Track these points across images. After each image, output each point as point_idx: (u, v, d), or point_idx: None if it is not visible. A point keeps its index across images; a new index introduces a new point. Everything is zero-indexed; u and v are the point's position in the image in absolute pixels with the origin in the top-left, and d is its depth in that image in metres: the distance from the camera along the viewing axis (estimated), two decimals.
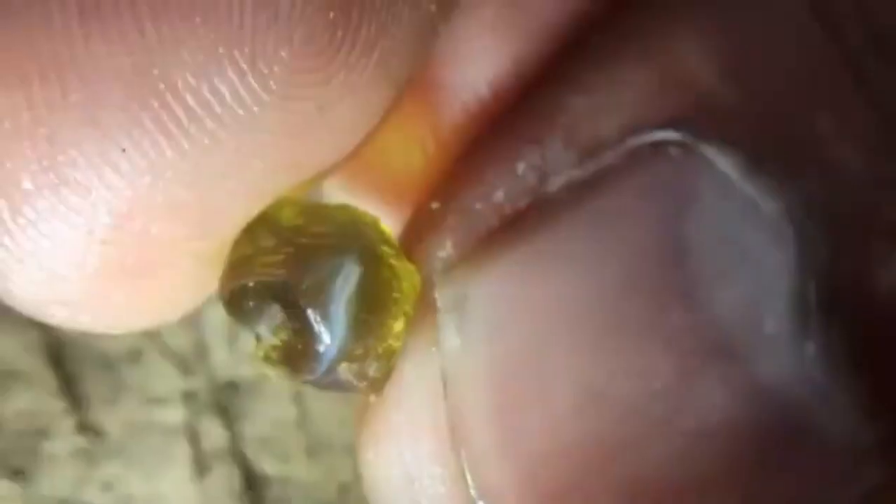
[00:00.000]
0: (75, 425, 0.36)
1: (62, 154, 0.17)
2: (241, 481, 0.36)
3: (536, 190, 0.19)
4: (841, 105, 0.17)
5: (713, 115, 0.18)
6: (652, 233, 0.17)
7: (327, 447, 0.37)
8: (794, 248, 0.17)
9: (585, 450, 0.18)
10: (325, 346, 0.19)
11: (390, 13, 0.18)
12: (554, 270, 0.18)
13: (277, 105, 0.17)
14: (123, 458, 0.36)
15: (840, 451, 0.17)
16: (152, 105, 0.17)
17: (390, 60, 0.18)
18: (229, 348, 0.37)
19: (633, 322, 0.17)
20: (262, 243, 0.19)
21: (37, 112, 0.17)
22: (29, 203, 0.17)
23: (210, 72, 0.17)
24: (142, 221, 0.18)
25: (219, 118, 0.17)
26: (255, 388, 0.37)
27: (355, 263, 0.19)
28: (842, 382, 0.17)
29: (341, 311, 0.19)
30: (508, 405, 0.18)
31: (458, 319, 0.19)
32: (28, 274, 0.18)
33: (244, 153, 0.18)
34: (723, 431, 0.17)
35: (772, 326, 0.17)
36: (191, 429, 0.36)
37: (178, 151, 0.17)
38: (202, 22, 0.17)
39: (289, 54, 0.17)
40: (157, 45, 0.17)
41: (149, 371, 0.37)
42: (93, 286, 0.18)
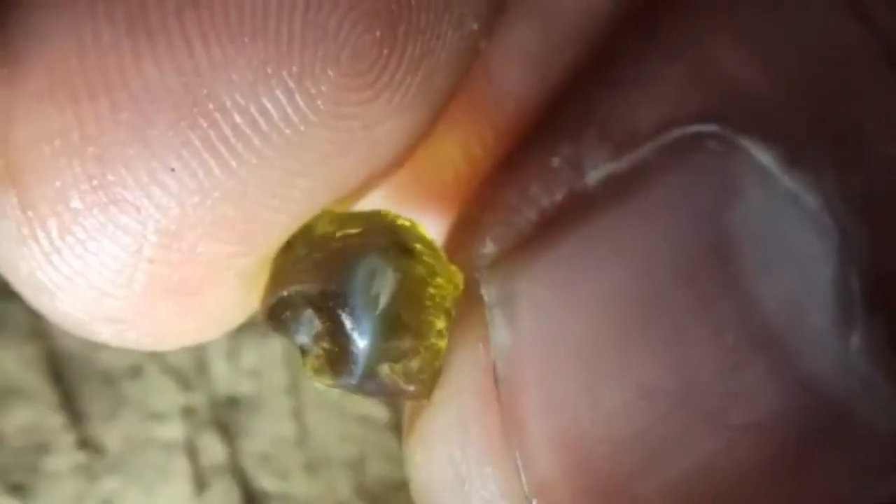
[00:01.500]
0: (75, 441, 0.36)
1: (112, 173, 0.17)
2: (240, 497, 0.36)
3: (572, 182, 0.19)
4: (877, 96, 0.18)
5: (750, 108, 0.18)
6: (695, 226, 0.18)
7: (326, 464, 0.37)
8: (835, 239, 0.17)
9: (636, 445, 0.18)
10: (359, 347, 0.19)
11: (434, 33, 0.18)
12: (598, 264, 0.18)
13: (324, 124, 0.17)
14: (123, 473, 0.36)
15: (885, 442, 0.17)
16: (201, 124, 0.17)
17: (434, 79, 0.18)
18: (229, 364, 0.37)
19: (679, 316, 0.17)
20: (296, 254, 0.19)
21: (87, 130, 0.17)
22: (78, 222, 0.17)
23: (258, 91, 0.17)
24: (189, 240, 0.18)
25: (266, 137, 0.17)
26: (254, 405, 0.37)
27: (385, 260, 0.19)
28: (886, 373, 0.17)
29: (372, 310, 0.19)
30: (560, 401, 0.18)
31: (508, 315, 0.19)
32: (76, 292, 0.18)
33: (291, 171, 0.18)
34: (770, 424, 0.17)
35: (816, 318, 0.17)
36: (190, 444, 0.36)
37: (226, 171, 0.17)
38: (250, 42, 0.17)
39: (336, 73, 0.17)
40: (206, 64, 0.17)
41: (149, 386, 0.36)
42: (140, 304, 0.18)
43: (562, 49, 0.21)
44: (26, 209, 0.18)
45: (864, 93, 0.18)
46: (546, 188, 0.19)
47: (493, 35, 0.20)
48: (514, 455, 0.18)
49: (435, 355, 0.20)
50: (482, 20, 0.19)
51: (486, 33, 0.19)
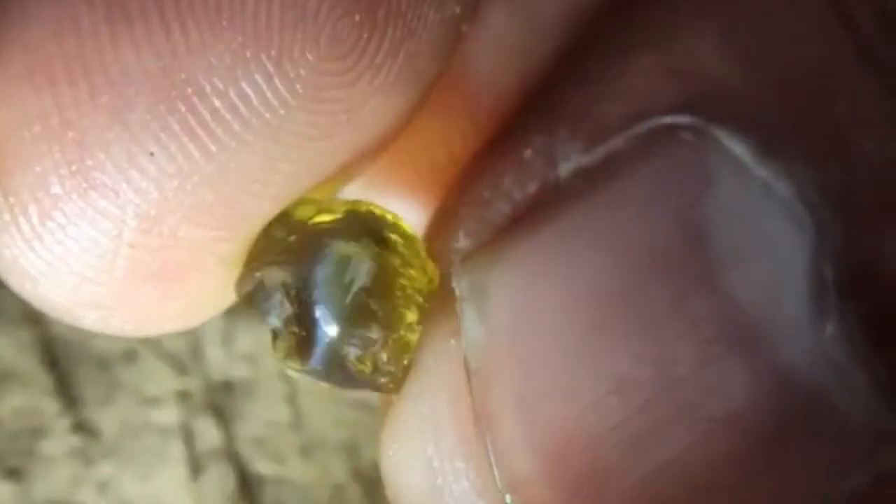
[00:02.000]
0: (70, 425, 0.36)
1: (91, 158, 0.17)
2: (235, 482, 0.36)
3: (544, 174, 0.19)
4: (855, 90, 0.17)
5: (724, 99, 0.18)
6: (668, 218, 0.17)
7: (321, 448, 0.37)
8: (809, 229, 0.17)
9: (611, 438, 0.18)
10: (322, 329, 0.19)
11: (416, 15, 0.18)
12: (570, 257, 0.18)
13: (304, 108, 0.17)
14: (118, 458, 0.36)
15: (859, 433, 0.17)
16: (180, 108, 0.17)
17: (416, 62, 0.18)
18: (224, 349, 0.37)
19: (652, 308, 0.17)
20: (272, 236, 0.19)
21: (66, 115, 0.17)
22: (58, 207, 0.17)
23: (237, 75, 0.17)
24: (169, 224, 0.18)
25: (246, 121, 0.17)
26: (249, 389, 0.37)
27: (355, 247, 0.19)
28: (860, 364, 0.17)
29: (340, 295, 0.19)
30: (534, 394, 0.18)
31: (480, 309, 0.19)
32: (58, 278, 0.18)
33: (271, 156, 0.18)
34: (745, 416, 0.17)
35: (791, 309, 0.17)
36: (185, 429, 0.36)
37: (206, 155, 0.17)
38: (228, 26, 0.17)
39: (315, 57, 0.17)
40: (185, 48, 0.17)
41: (143, 371, 0.37)
42: (122, 289, 0.18)
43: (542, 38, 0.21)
44: (7, 195, 0.18)
45: (839, 87, 0.17)
46: (519, 181, 0.19)
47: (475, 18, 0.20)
48: (486, 450, 0.18)
49: (405, 348, 0.19)
50: (464, 2, 0.19)
51: (469, 16, 0.19)
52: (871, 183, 0.17)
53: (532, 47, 0.21)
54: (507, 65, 0.21)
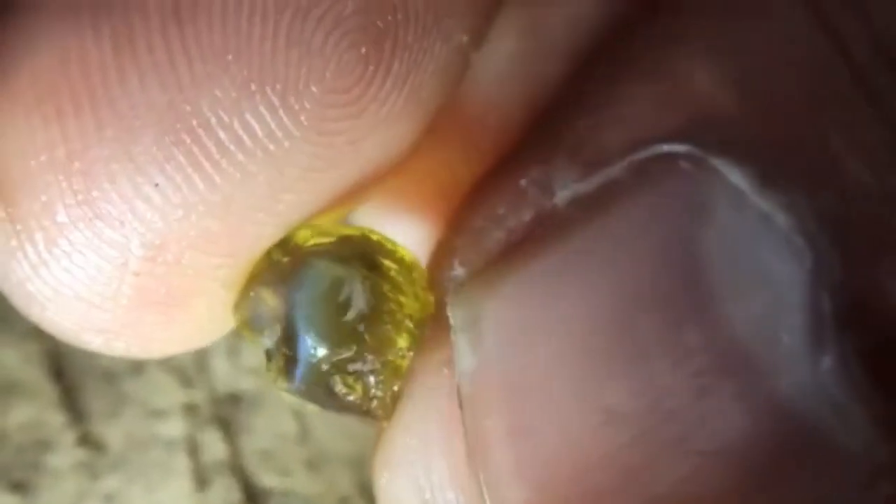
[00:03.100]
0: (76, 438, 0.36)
1: (96, 188, 0.17)
2: (241, 495, 0.36)
3: (540, 203, 0.19)
4: (851, 119, 0.17)
5: (722, 129, 0.18)
6: (664, 248, 0.17)
7: (328, 461, 0.37)
8: (808, 260, 0.17)
9: (602, 469, 0.18)
10: (307, 349, 0.19)
11: (422, 47, 0.18)
12: (566, 287, 0.18)
13: (308, 139, 0.18)
14: (124, 471, 0.36)
15: (857, 466, 0.17)
16: (184, 140, 0.17)
17: (422, 92, 0.18)
18: (230, 361, 0.37)
19: (646, 340, 0.17)
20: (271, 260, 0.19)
21: (72, 146, 0.17)
22: (64, 235, 0.18)
23: (242, 108, 0.17)
24: (173, 253, 0.18)
25: (250, 153, 0.17)
26: (255, 402, 0.37)
27: (344, 270, 0.19)
28: (858, 396, 0.17)
29: (325, 316, 0.19)
30: (525, 424, 0.18)
31: (473, 338, 0.19)
32: (64, 303, 0.18)
33: (275, 186, 0.18)
34: (739, 449, 0.17)
35: (787, 341, 0.17)
36: (191, 442, 0.36)
37: (210, 185, 0.17)
38: (234, 60, 0.17)
39: (320, 90, 0.17)
40: (190, 81, 0.17)
41: (150, 384, 0.37)
42: (127, 315, 0.18)
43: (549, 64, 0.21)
44: (15, 222, 0.18)
45: (835, 114, 0.17)
46: (514, 210, 0.19)
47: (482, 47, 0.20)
48: (478, 479, 0.18)
49: (395, 373, 0.20)
50: (472, 32, 0.19)
51: (476, 45, 0.19)
52: (869, 213, 0.17)
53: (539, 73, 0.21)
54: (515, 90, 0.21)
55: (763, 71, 0.18)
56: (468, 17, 0.19)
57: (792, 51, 0.18)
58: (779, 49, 0.18)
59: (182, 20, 0.17)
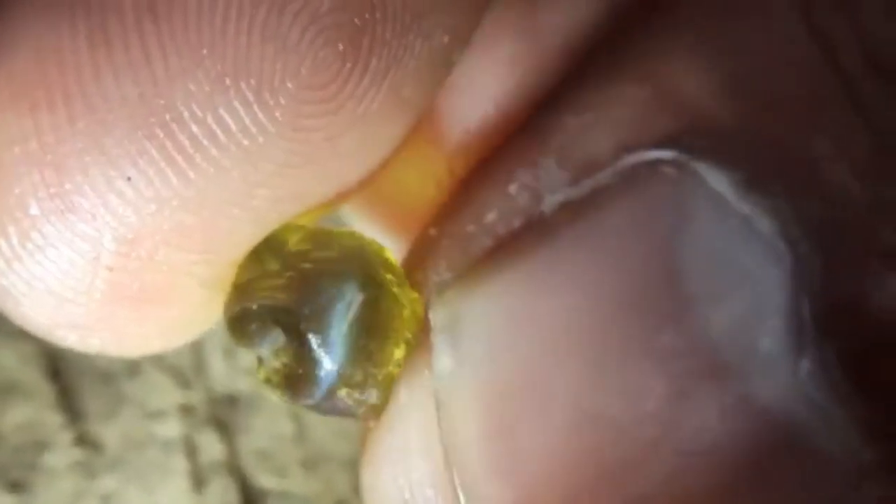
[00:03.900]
0: (74, 439, 0.36)
1: (69, 181, 0.17)
2: (238, 495, 0.36)
3: (529, 210, 0.19)
4: (837, 126, 0.17)
5: (707, 134, 0.18)
6: (646, 252, 0.17)
7: (325, 461, 0.37)
8: (788, 266, 0.17)
9: (580, 471, 0.18)
10: (325, 371, 0.19)
11: (401, 44, 0.18)
12: (547, 290, 0.18)
13: (283, 135, 0.17)
14: (121, 471, 0.36)
15: (838, 469, 0.17)
16: (157, 134, 0.17)
17: (401, 91, 0.18)
18: (227, 362, 0.37)
19: (626, 343, 0.17)
20: (266, 267, 0.19)
21: (44, 139, 0.17)
22: (36, 229, 0.18)
23: (216, 102, 0.17)
24: (147, 247, 0.18)
25: (224, 148, 0.17)
26: (253, 402, 0.37)
27: (357, 290, 0.19)
28: (838, 400, 0.17)
29: (341, 337, 0.19)
30: (501, 427, 0.18)
31: (451, 340, 0.19)
32: (37, 298, 0.18)
33: (250, 181, 0.18)
34: (718, 451, 0.17)
35: (766, 345, 0.17)
36: (188, 442, 0.36)
37: (183, 180, 0.17)
38: (209, 54, 0.17)
39: (296, 86, 0.17)
40: (164, 75, 0.17)
41: (147, 385, 0.37)
42: (100, 311, 0.18)
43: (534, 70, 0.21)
44: None
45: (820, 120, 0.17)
46: (503, 216, 0.19)
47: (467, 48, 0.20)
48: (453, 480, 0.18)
49: (389, 381, 0.20)
50: (454, 32, 0.19)
51: (460, 46, 0.19)
52: (852, 219, 0.17)
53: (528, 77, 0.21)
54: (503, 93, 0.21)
55: (750, 76, 0.18)
56: (449, 17, 0.19)
57: (780, 56, 0.18)
58: (767, 54, 0.18)
59: (157, 15, 0.17)
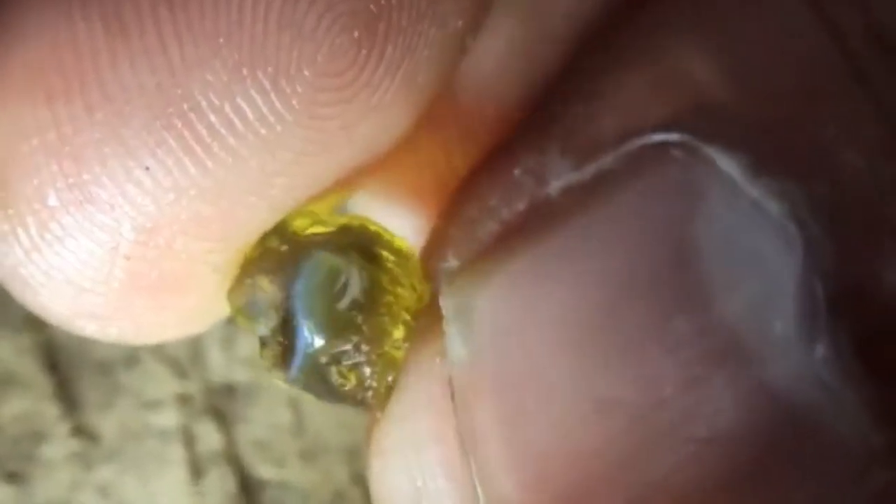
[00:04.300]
0: (71, 429, 0.36)
1: (87, 172, 0.17)
2: (236, 485, 0.36)
3: (533, 193, 0.19)
4: (845, 108, 0.17)
5: (715, 117, 0.18)
6: (656, 236, 0.17)
7: (323, 452, 0.37)
8: (800, 247, 0.17)
9: (595, 458, 0.17)
10: (303, 338, 0.19)
11: (416, 31, 0.18)
12: (558, 276, 0.18)
13: (300, 123, 0.17)
14: (119, 461, 0.36)
15: (851, 452, 0.17)
16: (175, 124, 0.17)
17: (416, 78, 0.18)
18: (225, 352, 0.37)
19: (637, 328, 0.17)
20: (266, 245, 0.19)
21: (63, 130, 0.17)
22: (55, 219, 0.18)
23: (233, 91, 0.17)
24: (165, 237, 0.18)
25: (242, 136, 0.17)
26: (250, 392, 0.37)
27: (342, 260, 0.19)
28: (851, 383, 0.17)
29: (322, 306, 0.19)
30: (517, 414, 0.18)
31: (465, 328, 0.18)
32: (56, 288, 0.18)
33: (267, 170, 0.18)
34: (732, 436, 0.17)
35: (780, 328, 0.17)
36: (186, 432, 0.36)
37: (201, 169, 0.17)
38: (225, 42, 0.17)
39: (312, 73, 0.17)
40: (181, 64, 0.17)
41: (144, 375, 0.37)
42: (119, 300, 0.18)
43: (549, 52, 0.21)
44: (6, 206, 0.18)
45: (829, 103, 0.17)
46: (508, 200, 0.19)
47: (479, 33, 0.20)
48: (470, 470, 0.18)
49: (390, 364, 0.20)
50: (467, 17, 0.19)
51: (473, 31, 0.19)
52: (863, 202, 0.17)
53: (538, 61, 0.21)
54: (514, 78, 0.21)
55: (758, 59, 0.18)
56: (463, 2, 0.19)
57: (788, 39, 0.18)
58: (774, 37, 0.18)
59: (173, 4, 0.17)
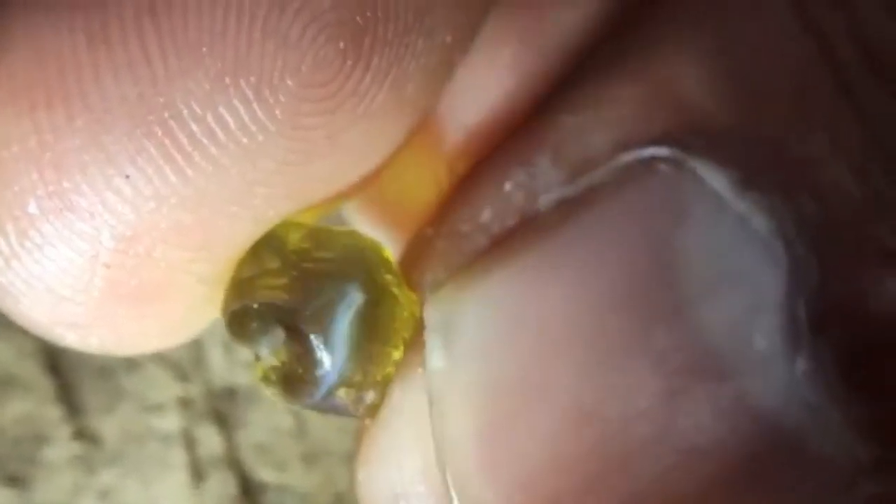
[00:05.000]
0: (72, 432, 0.36)
1: (67, 180, 0.17)
2: (237, 489, 0.36)
3: (524, 209, 0.19)
4: (834, 125, 0.17)
5: (704, 132, 0.18)
6: (641, 250, 0.17)
7: (324, 455, 0.37)
8: (784, 264, 0.17)
9: (573, 468, 0.17)
10: (326, 372, 0.19)
11: (403, 43, 0.18)
12: (541, 288, 0.18)
13: (283, 133, 0.17)
14: (120, 465, 0.36)
15: (833, 469, 0.17)
16: (156, 132, 0.17)
17: (403, 90, 0.18)
18: (226, 356, 0.37)
19: (620, 341, 0.17)
20: (266, 265, 0.19)
21: (43, 137, 0.17)
22: (35, 227, 0.18)
23: (215, 100, 0.17)
24: (145, 245, 0.18)
25: (223, 146, 0.17)
26: (252, 396, 0.37)
27: (358, 291, 0.19)
28: (833, 400, 0.17)
29: (342, 338, 0.19)
30: (494, 425, 0.18)
31: (444, 338, 0.19)
32: (36, 296, 0.18)
33: (249, 180, 0.18)
34: (712, 450, 0.17)
35: (761, 344, 0.17)
36: (188, 436, 0.36)
37: (182, 178, 0.17)
38: (209, 51, 0.17)
39: (296, 84, 0.17)
40: (163, 74, 0.17)
41: (146, 378, 0.37)
42: (99, 309, 0.18)
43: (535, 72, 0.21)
44: None
45: (820, 122, 0.17)
46: (498, 214, 0.19)
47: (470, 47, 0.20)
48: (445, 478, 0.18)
49: (386, 381, 0.20)
50: (457, 32, 0.19)
51: (463, 46, 0.19)
52: (849, 218, 0.17)
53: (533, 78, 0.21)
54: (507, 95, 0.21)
55: (747, 74, 0.18)
56: (452, 17, 0.19)
57: (776, 54, 0.18)
58: (763, 52, 0.18)
59: (157, 13, 0.17)
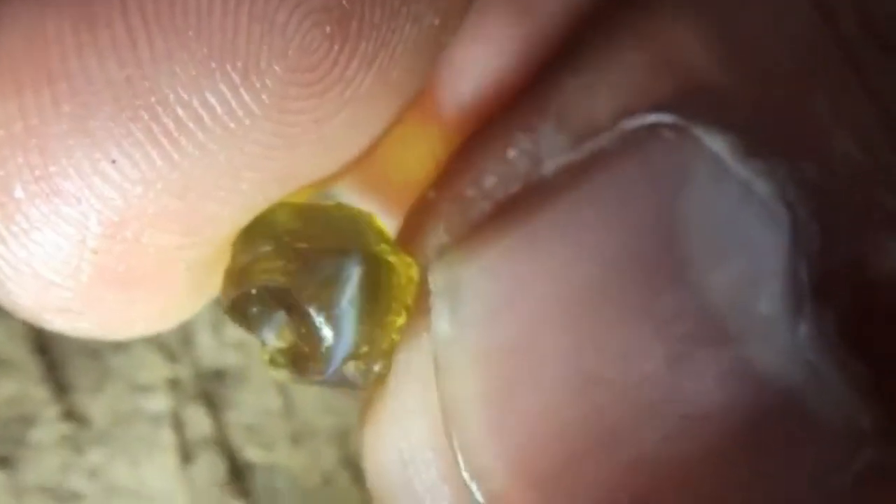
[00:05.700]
0: (60, 413, 0.36)
1: (53, 164, 0.17)
2: (226, 469, 0.36)
3: (529, 174, 0.19)
4: (837, 91, 0.17)
5: (707, 97, 0.18)
6: (645, 215, 0.17)
7: (312, 435, 0.37)
8: (787, 228, 0.17)
9: (578, 432, 0.18)
10: (332, 348, 0.19)
11: (390, 27, 0.18)
12: (546, 254, 0.18)
13: (270, 117, 0.17)
14: (109, 445, 0.36)
15: (836, 433, 0.17)
16: (142, 117, 0.17)
17: (390, 73, 0.18)
18: (215, 337, 0.37)
19: (624, 305, 0.17)
20: (260, 249, 0.19)
21: (29, 121, 0.17)
22: (21, 212, 0.17)
23: (201, 85, 0.17)
24: (132, 230, 0.18)
25: (210, 130, 0.17)
26: (240, 377, 0.37)
27: (355, 264, 0.19)
28: (836, 364, 0.17)
29: (345, 312, 0.19)
30: (500, 389, 0.18)
31: (451, 304, 0.19)
32: (23, 281, 0.18)
33: (236, 164, 0.18)
34: (716, 414, 0.17)
35: (765, 308, 0.17)
36: (176, 417, 0.36)
37: (169, 163, 0.17)
38: (195, 36, 0.17)
39: (282, 68, 0.17)
40: (149, 57, 0.17)
41: (134, 359, 0.37)
42: (87, 294, 0.18)
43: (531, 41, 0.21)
44: None
45: (823, 88, 0.17)
46: (502, 181, 0.19)
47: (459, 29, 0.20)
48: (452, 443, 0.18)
49: (392, 349, 0.20)
50: (444, 15, 0.19)
51: (451, 28, 0.19)
52: (853, 185, 0.17)
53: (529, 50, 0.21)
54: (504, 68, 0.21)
55: (751, 41, 0.18)
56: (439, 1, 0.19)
57: (781, 21, 0.18)
58: (768, 19, 0.18)
59: None
